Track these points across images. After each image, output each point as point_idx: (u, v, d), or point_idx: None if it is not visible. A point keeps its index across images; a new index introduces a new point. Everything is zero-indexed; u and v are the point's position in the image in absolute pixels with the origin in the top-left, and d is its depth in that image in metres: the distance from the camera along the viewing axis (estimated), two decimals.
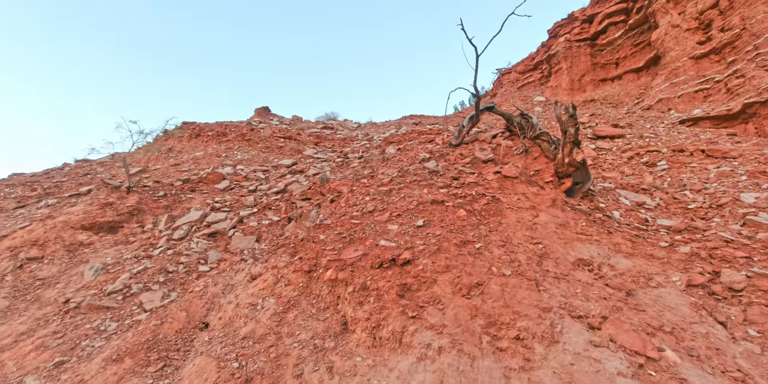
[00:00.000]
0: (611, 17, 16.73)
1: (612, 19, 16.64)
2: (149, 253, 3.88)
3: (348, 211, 3.25)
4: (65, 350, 2.50)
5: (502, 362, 1.94)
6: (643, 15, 14.51)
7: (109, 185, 6.50)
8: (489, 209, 3.27)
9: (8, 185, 8.83)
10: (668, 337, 2.18)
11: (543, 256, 2.76)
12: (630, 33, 15.53)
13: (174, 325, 2.61)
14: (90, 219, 4.61)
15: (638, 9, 15.17)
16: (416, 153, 5.09)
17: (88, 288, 3.34)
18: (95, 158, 12.66)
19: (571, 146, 4.44)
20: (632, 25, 15.24)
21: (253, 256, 3.61)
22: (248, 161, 8.60)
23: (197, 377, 2.06)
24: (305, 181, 5.81)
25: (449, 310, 2.17)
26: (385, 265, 2.44)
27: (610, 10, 16.71)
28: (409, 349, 2.02)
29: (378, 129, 13.13)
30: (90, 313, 2.93)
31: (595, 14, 17.71)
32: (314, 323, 2.33)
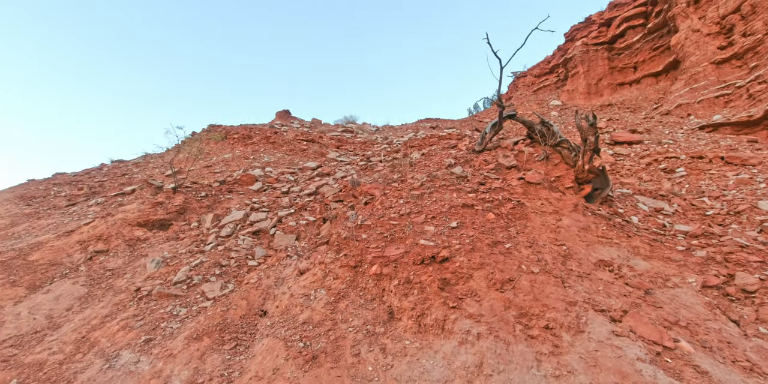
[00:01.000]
0: (629, 21, 16.67)
1: (630, 23, 16.58)
2: (201, 248, 4.29)
3: (386, 213, 3.58)
4: (148, 330, 2.90)
5: (534, 347, 2.23)
6: (662, 19, 14.45)
7: (152, 185, 7.00)
8: (515, 213, 3.55)
9: (55, 184, 9.51)
10: (683, 331, 2.43)
11: (567, 257, 3.03)
12: (649, 37, 15.46)
13: (238, 312, 2.98)
14: (144, 217, 5.07)
15: (657, 13, 15.11)
16: (441, 158, 5.39)
17: (153, 278, 3.76)
18: (129, 159, 13.38)
19: (591, 154, 4.67)
20: (651, 29, 15.18)
21: (296, 253, 3.97)
22: (275, 163, 9.04)
23: (269, 354, 2.41)
24: (335, 183, 6.18)
25: (485, 302, 2.47)
26: (426, 261, 2.76)
27: (629, 14, 16.65)
28: (451, 335, 2.33)
29: (396, 132, 13.46)
30: (161, 300, 3.33)
31: (613, 18, 17.66)
32: (364, 312, 2.66)
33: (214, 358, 2.48)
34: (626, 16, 16.57)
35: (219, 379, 2.31)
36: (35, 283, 3.70)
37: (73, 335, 2.97)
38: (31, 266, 3.98)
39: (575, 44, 18.33)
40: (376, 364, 2.23)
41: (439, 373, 2.11)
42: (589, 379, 2.03)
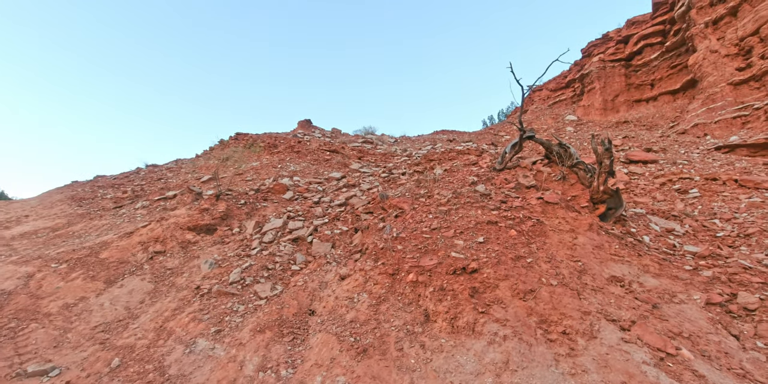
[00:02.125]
0: (647, 39, 16.93)
1: (648, 41, 16.83)
2: (248, 252, 4.80)
3: (418, 227, 4.02)
4: (215, 322, 3.38)
5: (553, 349, 2.61)
6: (680, 38, 14.68)
7: (193, 192, 7.62)
8: (535, 230, 3.94)
9: (100, 187, 10.28)
10: (686, 341, 2.77)
11: (582, 272, 3.40)
12: (667, 55, 15.68)
13: (291, 310, 3.44)
14: (193, 222, 5.63)
15: (676, 31, 15.34)
16: (464, 175, 5.82)
17: (209, 278, 4.27)
18: (161, 163, 14.21)
19: (606, 176, 5.02)
20: (669, 47, 15.40)
21: (334, 260, 4.43)
22: (301, 173, 9.60)
23: (324, 346, 2.86)
24: (362, 195, 6.65)
25: (510, 309, 2.87)
26: (457, 272, 3.18)
27: (647, 32, 16.92)
28: (481, 336, 2.73)
29: (413, 144, 13.94)
30: (220, 298, 3.83)
31: (630, 35, 17.95)
32: (403, 314, 3.09)
33: (278, 348, 2.94)
34: (644, 34, 16.85)
35: (285, 365, 2.76)
36: (110, 279, 4.25)
37: (151, 324, 3.48)
38: (104, 263, 4.55)
39: (592, 60, 18.64)
40: (418, 357, 2.64)
41: (471, 367, 2.52)
42: (600, 378, 2.40)
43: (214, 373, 2.72)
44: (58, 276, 4.16)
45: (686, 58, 14.25)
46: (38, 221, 7.57)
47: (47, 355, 2.97)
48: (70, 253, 4.80)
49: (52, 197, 9.43)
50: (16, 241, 6.31)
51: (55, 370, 2.76)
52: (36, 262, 4.49)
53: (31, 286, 3.96)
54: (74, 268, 4.37)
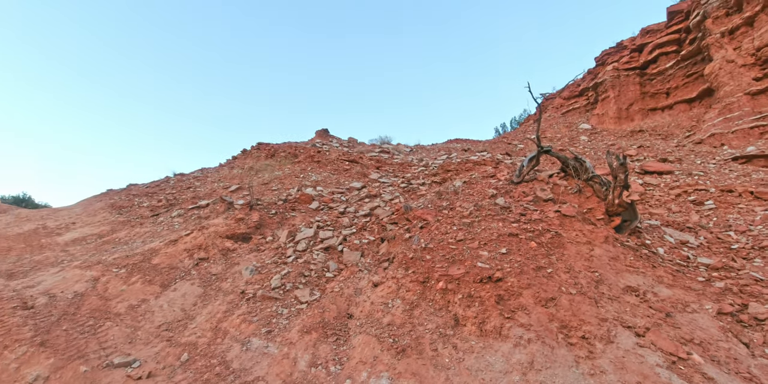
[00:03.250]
0: (662, 47, 17.00)
1: (663, 50, 16.90)
2: (284, 260, 5.22)
3: (444, 238, 4.37)
4: (264, 324, 3.79)
5: (573, 352, 2.91)
6: (696, 47, 14.73)
7: (225, 201, 8.13)
8: (553, 242, 4.24)
9: (135, 195, 10.97)
10: (697, 347, 3.03)
11: (599, 282, 3.69)
12: (682, 63, 15.71)
13: (331, 314, 3.82)
14: (231, 230, 6.11)
15: (691, 40, 15.40)
16: (483, 188, 6.14)
17: (252, 283, 4.69)
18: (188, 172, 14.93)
19: (621, 189, 5.28)
20: (685, 56, 15.45)
21: (366, 268, 4.81)
22: (323, 183, 10.06)
23: (366, 346, 3.22)
24: (386, 206, 7.04)
25: (533, 315, 3.19)
26: (484, 280, 3.51)
27: (662, 41, 16.99)
28: (507, 339, 3.05)
29: (429, 153, 14.30)
30: (264, 302, 4.24)
31: (645, 44, 18.03)
32: (435, 318, 3.43)
33: (324, 347, 3.32)
34: (659, 42, 16.92)
35: (332, 362, 3.13)
36: (164, 283, 4.72)
37: (207, 324, 3.91)
38: (157, 269, 5.03)
39: (606, 69, 18.75)
40: (451, 357, 2.98)
41: (500, 366, 2.84)
42: (617, 378, 2.69)
43: (271, 367, 3.11)
44: (120, 280, 4.66)
45: (702, 67, 14.29)
46: (85, 228, 8.20)
47: (125, 349, 3.41)
48: (125, 259, 5.31)
49: (93, 205, 10.13)
50: (70, 246, 6.90)
51: (136, 362, 3.19)
52: (98, 266, 5.01)
53: (98, 288, 4.46)
54: (132, 272, 4.86)
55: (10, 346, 3.18)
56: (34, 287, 4.46)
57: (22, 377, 2.90)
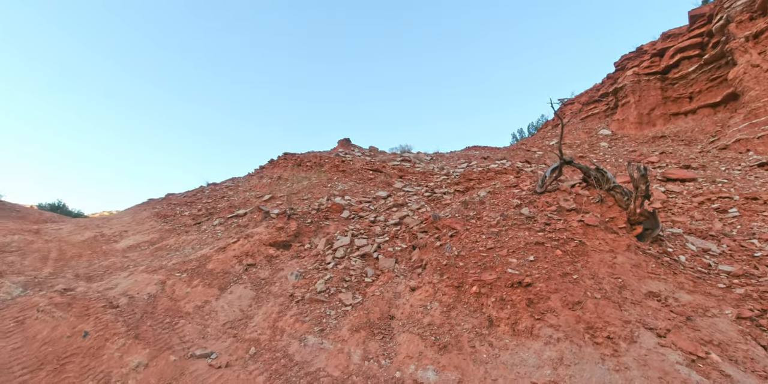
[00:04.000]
0: (684, 51, 16.89)
1: (685, 54, 16.79)
2: (325, 266, 5.72)
3: (474, 247, 4.77)
4: (316, 323, 4.27)
5: (599, 350, 3.25)
6: (719, 50, 14.62)
7: (262, 210, 8.76)
8: (578, 250, 4.57)
9: (175, 204, 11.81)
10: (715, 348, 3.30)
11: (622, 288, 3.99)
12: (705, 67, 15.58)
13: (375, 315, 4.27)
14: (273, 238, 6.68)
15: (714, 44, 15.28)
16: (507, 198, 6.50)
17: (298, 287, 5.20)
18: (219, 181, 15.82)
19: (642, 199, 5.53)
20: (708, 60, 15.33)
21: (401, 274, 5.25)
22: (350, 192, 10.60)
23: (411, 343, 3.65)
24: (414, 215, 7.48)
25: (561, 317, 3.54)
26: (514, 285, 3.89)
27: (684, 45, 16.88)
28: (538, 338, 3.42)
29: (449, 162, 14.67)
30: (312, 304, 4.73)
31: (666, 48, 17.94)
32: (470, 319, 3.83)
33: (373, 344, 3.77)
34: (681, 46, 16.82)
35: (382, 356, 3.58)
36: (221, 286, 5.30)
37: (265, 323, 4.43)
38: (212, 273, 5.63)
39: (626, 73, 18.71)
40: (488, 353, 3.37)
41: (533, 361, 3.21)
42: (640, 373, 3.01)
43: (329, 360, 3.58)
44: (183, 283, 5.26)
45: (726, 71, 14.16)
46: (136, 236, 8.99)
47: (201, 343, 3.96)
48: (183, 265, 5.94)
49: (140, 214, 11.01)
50: (128, 253, 7.65)
51: (214, 354, 3.73)
52: (162, 271, 5.64)
53: (167, 290, 5.07)
54: (193, 277, 5.46)
55: (110, 339, 3.78)
56: (113, 289, 5.12)
57: (126, 364, 3.47)
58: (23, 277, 5.53)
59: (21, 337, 3.80)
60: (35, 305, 4.38)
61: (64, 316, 4.11)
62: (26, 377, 3.25)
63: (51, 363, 3.42)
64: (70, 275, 5.85)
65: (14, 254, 6.68)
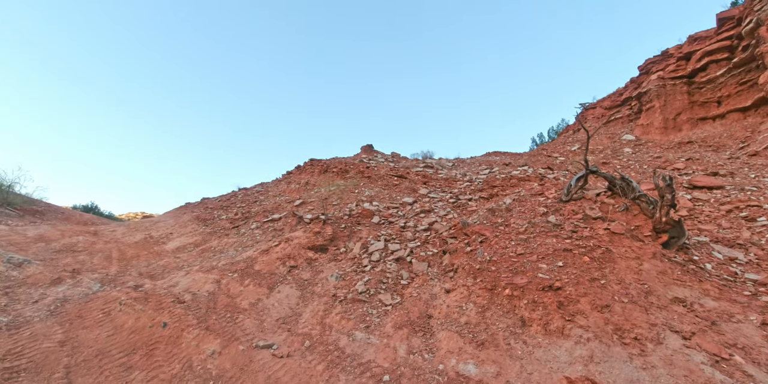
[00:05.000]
0: (712, 55, 16.63)
1: (713, 57, 16.53)
2: (362, 269, 6.18)
3: (505, 252, 5.12)
4: (360, 321, 4.72)
5: (627, 350, 3.55)
6: (749, 54, 14.38)
7: (296, 215, 9.33)
8: (604, 257, 4.85)
9: (212, 208, 12.60)
10: (739, 351, 3.53)
11: (648, 293, 4.26)
12: (735, 71, 15.32)
13: (415, 314, 4.68)
14: (311, 242, 7.20)
15: (744, 47, 15.02)
16: (533, 206, 6.80)
17: (339, 288, 5.67)
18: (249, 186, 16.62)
19: (668, 208, 5.73)
20: (737, 63, 15.08)
21: (435, 277, 5.64)
22: (377, 198, 11.06)
23: (450, 340, 4.04)
24: (442, 221, 7.86)
25: (590, 319, 3.85)
26: (545, 288, 4.22)
27: (711, 48, 16.64)
28: (569, 337, 3.74)
29: (470, 167, 14.95)
30: (354, 303, 5.18)
31: (693, 51, 17.68)
32: (504, 319, 4.18)
33: (415, 340, 4.18)
34: (708, 50, 16.57)
35: (425, 351, 3.98)
36: (270, 286, 5.83)
37: (313, 320, 4.91)
38: (260, 274, 6.18)
39: (650, 77, 18.52)
40: (523, 350, 3.72)
41: (564, 358, 3.54)
42: (666, 372, 3.30)
43: (377, 353, 4.02)
44: (236, 282, 5.83)
45: (757, 75, 13.91)
46: (181, 238, 9.74)
47: (261, 336, 4.47)
48: (233, 266, 6.53)
49: (182, 218, 11.82)
50: (177, 254, 8.35)
51: (275, 346, 4.23)
52: (215, 271, 6.24)
53: (223, 288, 5.64)
54: (243, 277, 6.03)
55: (185, 329, 4.34)
56: (176, 286, 5.73)
57: (203, 351, 4.01)
58: (97, 274, 6.24)
59: (111, 326, 4.41)
60: (116, 299, 5.02)
61: (143, 308, 4.71)
62: (124, 359, 3.83)
63: (141, 349, 4.00)
64: (134, 273, 6.54)
65: (82, 254, 7.46)
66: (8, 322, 4.28)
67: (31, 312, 4.65)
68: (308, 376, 3.66)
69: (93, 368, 3.63)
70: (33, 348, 3.82)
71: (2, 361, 3.52)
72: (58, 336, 4.11)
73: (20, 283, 5.58)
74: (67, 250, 7.57)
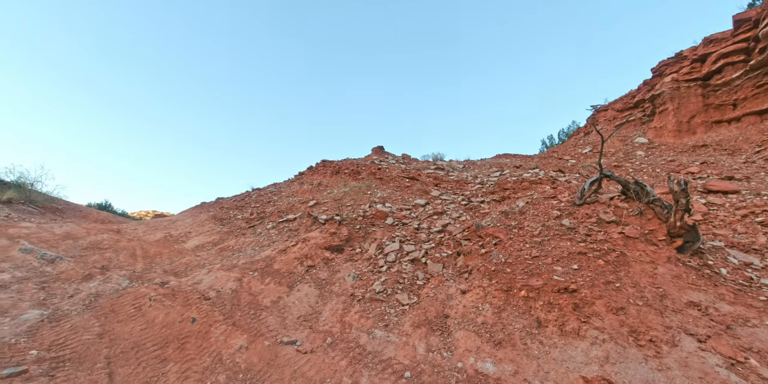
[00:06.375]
0: (728, 57, 16.44)
1: (729, 59, 16.34)
2: (378, 269, 6.34)
3: (520, 255, 5.23)
4: (379, 319, 4.88)
5: (642, 351, 3.64)
6: (767, 57, 14.18)
7: (311, 216, 9.54)
8: (619, 261, 4.93)
9: (228, 208, 12.90)
10: (755, 355, 3.60)
11: (663, 296, 4.33)
12: (751, 74, 15.12)
13: (432, 313, 4.83)
14: (327, 243, 7.39)
15: (762, 49, 14.82)
16: (546, 209, 6.88)
17: (357, 288, 5.84)
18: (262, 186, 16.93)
19: (682, 213, 5.78)
20: (754, 66, 14.88)
21: (450, 278, 5.77)
22: (389, 199, 11.22)
23: (468, 339, 4.17)
24: (455, 223, 7.98)
25: (606, 320, 3.95)
26: (561, 291, 4.33)
27: (727, 50, 16.44)
28: (584, 338, 3.85)
29: (481, 170, 15.02)
30: (372, 303, 5.35)
31: (708, 54, 17.49)
32: (520, 320, 4.30)
33: (434, 338, 4.32)
34: (724, 52, 16.37)
35: (444, 349, 4.12)
36: (289, 284, 6.03)
37: (333, 318, 5.09)
38: (279, 273, 6.38)
39: (664, 80, 18.35)
40: (539, 350, 3.84)
41: (580, 359, 3.65)
42: (681, 373, 3.39)
43: (397, 351, 4.17)
44: (257, 281, 6.04)
45: None
46: (200, 237, 10.03)
47: (284, 332, 4.67)
48: (252, 264, 6.75)
49: (199, 217, 12.15)
50: (197, 252, 8.62)
51: (298, 342, 4.41)
52: (236, 269, 6.47)
53: (245, 287, 5.86)
54: (264, 275, 6.24)
55: (213, 325, 4.56)
56: (200, 284, 5.97)
57: (231, 346, 4.22)
58: (124, 271, 6.52)
59: (143, 320, 4.65)
60: (145, 295, 5.27)
61: (172, 304, 4.95)
62: (158, 352, 4.05)
63: (173, 342, 4.22)
64: (159, 271, 6.81)
65: (108, 251, 7.78)
66: (49, 315, 4.55)
67: (68, 306, 4.92)
68: (332, 371, 3.83)
69: (131, 359, 3.86)
70: (74, 339, 4.07)
71: (48, 351, 3.77)
72: (96, 329, 4.36)
73: (54, 278, 5.88)
74: (93, 248, 7.89)
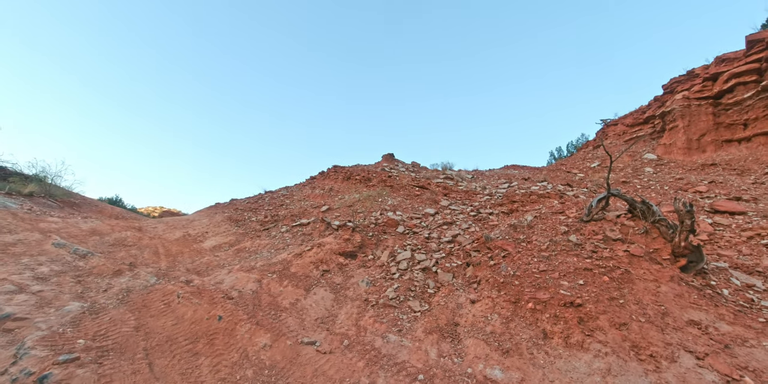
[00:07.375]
0: (740, 77, 16.58)
1: (741, 79, 16.48)
2: (391, 276, 6.63)
3: (528, 268, 5.49)
4: (393, 324, 5.16)
5: (642, 366, 3.88)
6: None
7: (324, 221, 9.88)
8: (623, 278, 5.16)
9: (242, 210, 13.30)
10: (750, 374, 3.81)
11: (665, 314, 4.56)
12: (763, 94, 15.25)
13: (443, 321, 5.10)
14: (341, 248, 7.70)
15: None
16: (554, 224, 7.13)
17: (371, 293, 6.13)
18: (274, 189, 17.35)
19: (687, 234, 6.00)
20: (765, 86, 15.01)
21: (460, 288, 6.04)
22: (400, 207, 11.52)
23: (477, 346, 4.44)
24: (464, 234, 8.25)
25: (609, 335, 4.19)
26: (567, 304, 4.59)
27: (739, 70, 16.59)
28: (588, 351, 4.09)
29: (489, 181, 15.27)
30: (385, 308, 5.63)
31: (720, 73, 17.64)
32: (527, 331, 4.56)
33: (444, 344, 4.59)
34: (736, 71, 16.52)
35: (455, 355, 4.39)
36: (306, 287, 6.35)
37: (348, 322, 5.38)
38: (296, 276, 6.70)
39: (675, 97, 18.51)
40: (545, 359, 4.09)
41: (583, 369, 3.90)
42: None
43: (411, 355, 4.45)
44: (276, 283, 6.37)
45: None
46: (216, 237, 10.42)
47: (303, 333, 4.97)
48: (270, 266, 7.09)
49: (214, 217, 12.57)
50: (215, 252, 9.00)
51: (317, 343, 4.71)
52: (255, 271, 6.80)
53: (264, 288, 6.18)
54: (282, 278, 6.57)
55: (238, 323, 4.88)
56: (222, 283, 6.32)
57: (255, 343, 4.54)
58: (150, 268, 6.90)
59: (173, 316, 5.00)
60: (172, 292, 5.62)
61: (199, 302, 5.29)
62: (190, 346, 4.38)
63: (203, 338, 4.55)
64: (182, 269, 7.18)
65: (133, 248, 8.18)
66: (88, 308, 4.92)
67: (104, 299, 5.29)
68: (351, 371, 4.12)
69: (166, 352, 4.19)
70: (114, 331, 4.42)
71: (93, 341, 4.12)
72: (132, 322, 4.71)
73: (87, 272, 6.27)
74: (119, 244, 8.30)
